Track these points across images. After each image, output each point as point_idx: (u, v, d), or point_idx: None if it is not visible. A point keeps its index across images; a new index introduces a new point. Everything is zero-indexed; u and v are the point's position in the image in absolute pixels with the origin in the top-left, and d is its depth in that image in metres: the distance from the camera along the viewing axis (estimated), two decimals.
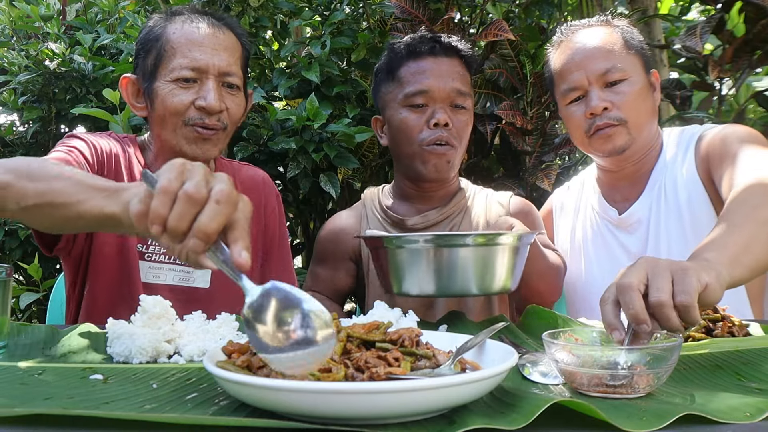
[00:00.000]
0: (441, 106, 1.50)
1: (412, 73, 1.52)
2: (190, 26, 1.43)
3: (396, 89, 1.54)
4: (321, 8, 2.45)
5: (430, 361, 0.77)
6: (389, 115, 1.56)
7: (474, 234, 1.15)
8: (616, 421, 0.65)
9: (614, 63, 1.52)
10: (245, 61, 1.51)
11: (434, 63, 1.52)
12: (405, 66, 1.53)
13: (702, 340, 1.03)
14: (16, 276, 2.50)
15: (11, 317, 1.01)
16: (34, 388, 0.80)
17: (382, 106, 1.61)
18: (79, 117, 2.43)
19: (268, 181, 1.67)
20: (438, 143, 1.49)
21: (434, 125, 1.49)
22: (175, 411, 0.72)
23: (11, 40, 2.71)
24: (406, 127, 1.51)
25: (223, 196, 0.73)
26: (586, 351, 0.79)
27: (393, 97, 1.55)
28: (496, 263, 1.15)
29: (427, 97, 1.50)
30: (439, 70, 1.51)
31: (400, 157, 1.57)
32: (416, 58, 1.53)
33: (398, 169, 1.63)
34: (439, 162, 1.50)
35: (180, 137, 1.41)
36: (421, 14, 2.53)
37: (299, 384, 0.63)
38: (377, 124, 1.64)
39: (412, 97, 1.50)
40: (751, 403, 0.71)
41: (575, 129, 1.60)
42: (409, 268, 1.16)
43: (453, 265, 1.13)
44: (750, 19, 2.76)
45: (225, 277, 1.50)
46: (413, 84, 1.50)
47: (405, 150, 1.53)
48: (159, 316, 0.98)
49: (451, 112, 1.51)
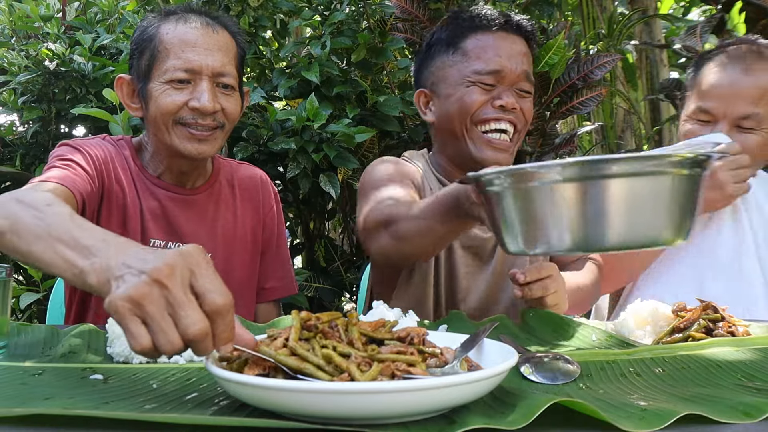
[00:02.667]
0: (508, 88, 1.41)
1: (482, 48, 1.41)
2: (183, 26, 1.41)
3: (461, 63, 1.43)
4: (321, 8, 2.45)
5: (439, 359, 0.77)
6: (446, 89, 1.44)
7: (636, 156, 0.84)
8: (616, 421, 0.65)
9: (758, 111, 1.53)
10: (241, 60, 1.50)
11: (506, 41, 1.42)
12: (473, 38, 1.42)
13: (702, 340, 1.03)
14: (16, 276, 2.50)
15: (11, 317, 1.01)
16: (34, 388, 0.80)
17: (434, 80, 1.48)
18: (79, 117, 2.42)
19: (266, 181, 1.67)
20: (499, 129, 1.40)
21: (500, 106, 1.39)
22: (175, 411, 0.72)
23: (11, 40, 2.71)
24: (471, 104, 1.40)
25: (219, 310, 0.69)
26: None
27: (456, 71, 1.43)
28: (669, 199, 0.83)
29: (498, 77, 1.40)
30: (511, 50, 1.42)
31: (452, 136, 1.45)
32: (486, 32, 1.42)
33: (443, 151, 1.52)
34: (498, 156, 1.41)
35: (174, 137, 1.40)
36: (421, 14, 2.53)
37: (299, 384, 0.63)
38: (421, 98, 1.52)
39: (485, 75, 1.40)
40: (751, 403, 0.71)
41: (682, 138, 1.62)
42: (537, 214, 0.85)
43: (607, 203, 0.81)
44: (750, 19, 2.77)
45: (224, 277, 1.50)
46: (485, 61, 1.40)
47: (458, 129, 1.42)
48: None
49: (516, 96, 1.42)
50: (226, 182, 1.60)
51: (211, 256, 1.48)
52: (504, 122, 1.40)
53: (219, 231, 1.54)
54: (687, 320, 1.06)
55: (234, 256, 1.55)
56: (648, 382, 0.84)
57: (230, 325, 0.70)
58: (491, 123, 1.40)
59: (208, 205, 1.53)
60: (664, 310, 1.10)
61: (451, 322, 1.19)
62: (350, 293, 2.68)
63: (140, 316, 0.68)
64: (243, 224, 1.58)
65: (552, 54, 2.46)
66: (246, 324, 1.14)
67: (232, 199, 1.59)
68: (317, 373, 0.69)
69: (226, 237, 1.54)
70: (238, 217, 1.58)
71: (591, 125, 3.94)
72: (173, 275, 0.68)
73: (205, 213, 1.53)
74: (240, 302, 1.52)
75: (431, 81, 1.50)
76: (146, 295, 0.67)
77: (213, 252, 1.50)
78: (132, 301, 0.67)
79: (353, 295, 2.63)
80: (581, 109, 2.51)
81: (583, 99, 2.48)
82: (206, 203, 1.53)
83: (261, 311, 1.63)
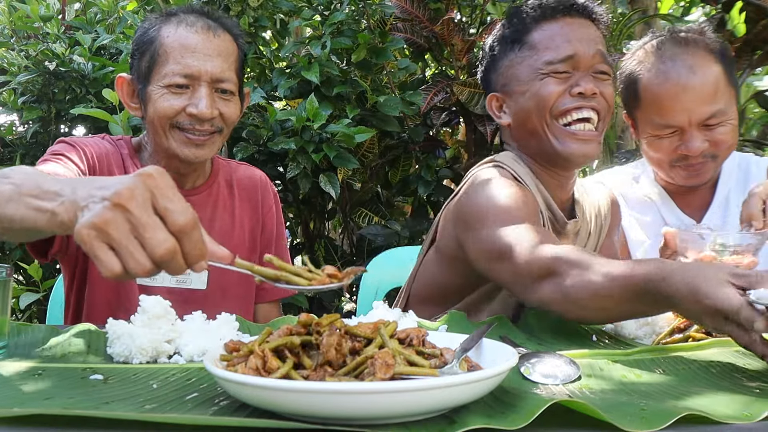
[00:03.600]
0: (585, 73, 1.33)
1: (549, 37, 1.35)
2: (184, 30, 1.41)
3: (530, 57, 1.36)
4: (321, 8, 2.45)
5: (439, 359, 0.77)
6: (518, 87, 1.38)
7: None
8: (616, 421, 0.65)
9: (719, 107, 1.50)
10: (241, 64, 1.50)
11: (573, 25, 1.36)
12: (538, 30, 1.36)
13: (702, 340, 1.03)
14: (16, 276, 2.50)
15: (11, 317, 1.01)
16: (34, 388, 0.80)
17: (504, 81, 1.42)
18: (78, 117, 2.42)
19: (266, 181, 1.67)
20: (581, 119, 1.32)
21: (578, 94, 1.32)
22: (175, 411, 0.72)
23: (11, 41, 2.71)
24: (548, 97, 1.32)
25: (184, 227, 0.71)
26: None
27: (527, 66, 1.36)
28: None
29: (572, 63, 1.33)
30: (581, 33, 1.35)
31: (532, 135, 1.37)
32: (550, 20, 1.36)
33: (524, 152, 1.42)
34: (585, 148, 1.33)
35: (171, 141, 1.40)
36: (421, 14, 2.53)
37: (299, 384, 0.63)
38: (493, 102, 1.44)
39: (558, 63, 1.33)
40: (751, 403, 0.71)
41: (659, 156, 1.58)
42: None
43: None
44: (750, 19, 2.77)
45: (222, 279, 1.50)
46: (555, 49, 1.33)
47: (538, 125, 1.35)
48: (159, 317, 0.98)
49: (594, 80, 1.34)
50: (225, 183, 1.59)
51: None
52: (586, 110, 1.33)
53: (216, 231, 1.54)
54: (687, 321, 1.06)
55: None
56: (648, 382, 0.84)
57: (198, 242, 0.71)
58: (573, 113, 1.33)
59: (205, 205, 1.53)
60: None
61: (451, 322, 1.19)
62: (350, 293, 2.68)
63: (107, 242, 0.68)
64: (241, 225, 1.58)
65: None
66: (245, 324, 1.14)
67: (231, 199, 1.59)
68: (294, 279, 0.70)
69: (224, 237, 1.54)
70: (236, 218, 1.58)
71: None
72: (133, 198, 0.69)
73: (203, 214, 1.52)
74: (238, 302, 1.52)
75: (501, 83, 1.43)
76: (109, 221, 0.68)
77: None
78: (96, 227, 0.68)
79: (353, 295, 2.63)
80: None
81: None
82: (204, 204, 1.53)
83: (261, 311, 1.62)
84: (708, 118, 1.50)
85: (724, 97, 1.51)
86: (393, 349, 0.73)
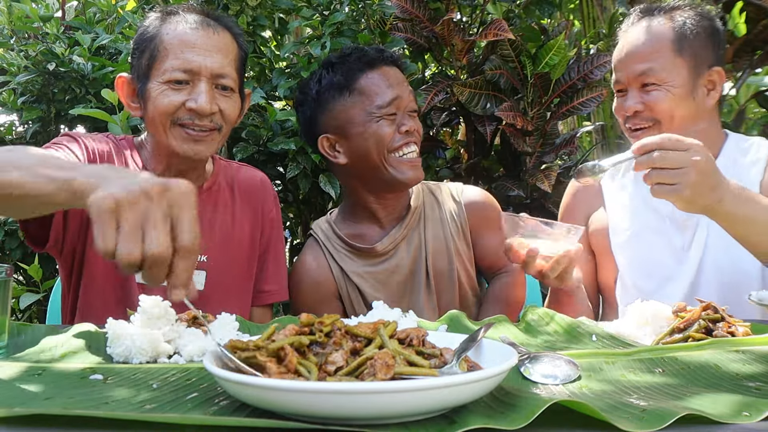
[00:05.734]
0: (404, 113, 1.58)
1: (376, 84, 1.57)
2: (183, 27, 1.41)
3: (361, 102, 1.56)
4: (321, 8, 2.45)
5: (438, 359, 0.77)
6: (355, 129, 1.56)
7: None
8: (616, 421, 0.65)
9: (651, 66, 1.53)
10: (242, 62, 1.50)
11: (390, 72, 1.60)
12: (364, 78, 1.57)
13: (702, 340, 1.03)
14: (16, 276, 2.50)
15: (11, 317, 1.01)
16: (34, 388, 0.80)
17: (337, 123, 1.59)
18: (78, 117, 2.42)
19: (266, 183, 1.67)
20: (410, 151, 1.57)
21: (405, 132, 1.56)
22: (175, 411, 0.72)
23: (10, 41, 2.71)
24: (384, 136, 1.55)
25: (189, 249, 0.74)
26: None
27: (361, 110, 1.56)
28: None
29: (396, 104, 1.56)
30: (397, 78, 1.60)
31: (372, 168, 1.57)
32: (373, 69, 1.58)
33: (360, 186, 1.63)
34: (417, 172, 1.59)
35: (171, 137, 1.40)
36: (421, 14, 2.53)
37: (299, 384, 0.63)
38: (324, 142, 1.61)
39: (387, 107, 1.55)
40: (751, 403, 0.71)
41: (620, 119, 1.65)
42: None
43: None
44: (751, 19, 2.77)
45: (220, 279, 1.50)
46: (382, 95, 1.56)
47: (377, 160, 1.56)
48: (159, 317, 0.98)
49: (411, 119, 1.59)
50: (226, 184, 1.59)
51: (206, 257, 1.49)
52: (412, 144, 1.59)
53: (216, 233, 1.54)
54: (687, 321, 1.06)
55: (230, 258, 1.54)
56: (648, 382, 0.84)
57: (189, 271, 0.73)
58: (403, 148, 1.57)
59: (206, 206, 1.53)
60: (664, 310, 1.10)
61: (451, 322, 1.19)
62: None
63: (117, 219, 0.71)
64: (241, 227, 1.58)
65: (552, 54, 2.46)
66: (245, 324, 1.14)
67: (231, 201, 1.59)
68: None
69: (223, 239, 1.54)
70: (237, 220, 1.58)
71: (591, 125, 3.93)
72: (163, 195, 0.72)
73: (203, 214, 1.52)
74: (235, 304, 1.52)
75: (333, 125, 1.60)
76: (131, 202, 0.71)
77: (209, 253, 1.50)
78: (117, 201, 0.70)
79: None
80: (582, 109, 2.51)
81: (584, 100, 2.48)
82: (204, 204, 1.53)
83: (255, 314, 1.62)
84: (639, 75, 1.54)
85: (662, 61, 1.53)
86: (393, 349, 0.73)
